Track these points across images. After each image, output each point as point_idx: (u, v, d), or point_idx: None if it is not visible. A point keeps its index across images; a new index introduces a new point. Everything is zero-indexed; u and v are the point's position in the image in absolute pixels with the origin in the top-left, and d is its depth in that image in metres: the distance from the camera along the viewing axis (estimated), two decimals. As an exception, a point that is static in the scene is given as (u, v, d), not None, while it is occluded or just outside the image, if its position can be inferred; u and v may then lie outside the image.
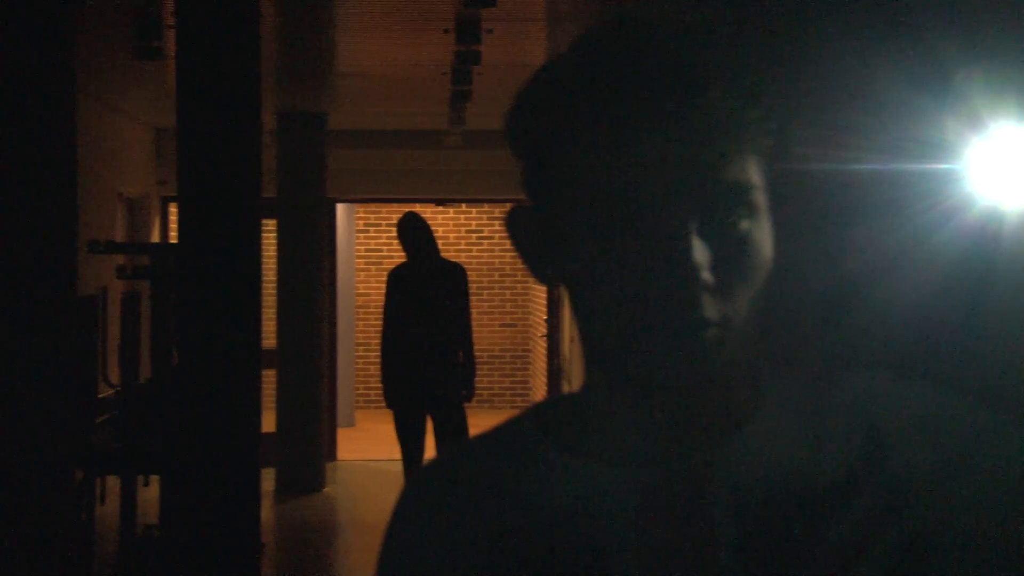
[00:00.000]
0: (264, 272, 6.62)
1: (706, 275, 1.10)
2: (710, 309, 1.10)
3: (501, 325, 16.93)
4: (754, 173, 1.13)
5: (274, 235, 10.94)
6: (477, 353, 9.21)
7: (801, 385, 1.22)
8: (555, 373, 13.68)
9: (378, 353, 9.46)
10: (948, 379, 1.21)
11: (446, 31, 7.47)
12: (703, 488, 1.16)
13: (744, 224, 1.12)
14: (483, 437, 1.28)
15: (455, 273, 9.15)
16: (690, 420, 1.18)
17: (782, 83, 1.14)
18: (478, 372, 9.29)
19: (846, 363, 1.22)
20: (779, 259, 1.15)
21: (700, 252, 1.10)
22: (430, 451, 8.93)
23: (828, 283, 1.64)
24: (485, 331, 15.62)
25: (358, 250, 16.27)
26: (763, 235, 1.14)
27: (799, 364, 1.24)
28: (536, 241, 1.21)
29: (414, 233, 9.03)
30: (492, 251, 16.93)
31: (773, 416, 1.20)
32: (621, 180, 1.11)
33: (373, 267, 16.55)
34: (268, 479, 8.77)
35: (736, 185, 1.12)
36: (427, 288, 8.97)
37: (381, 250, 16.66)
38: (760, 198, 1.13)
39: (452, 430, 8.89)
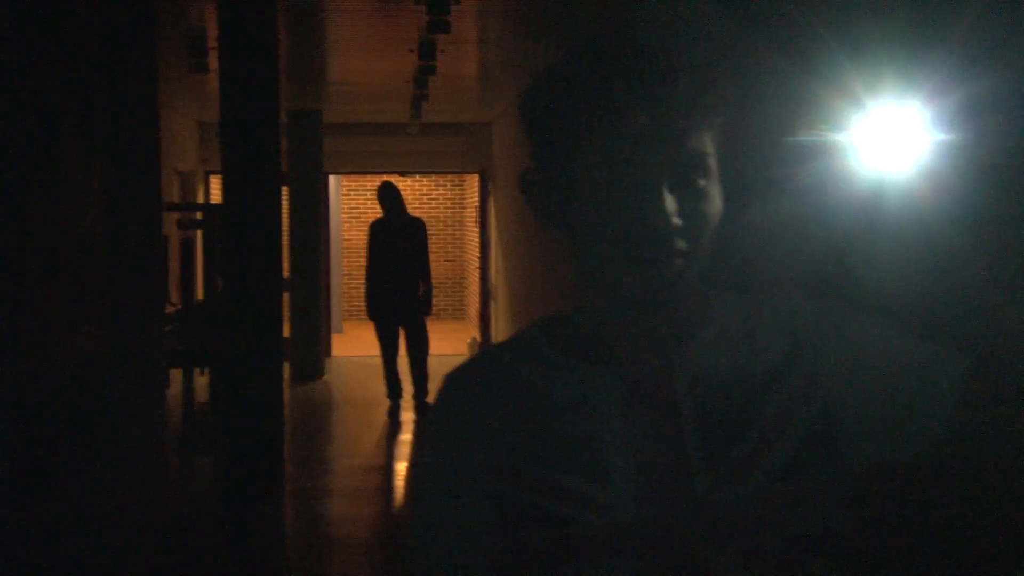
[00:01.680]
0: (281, 224, 6.54)
1: (675, 220, 1.06)
2: (678, 243, 1.06)
3: (445, 260, 16.82)
4: (709, 144, 1.08)
5: (287, 198, 10.78)
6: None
7: (740, 304, 1.17)
8: (485, 294, 13.63)
9: (360, 281, 9.33)
10: (846, 300, 1.15)
11: (411, 50, 7.35)
12: (670, 379, 1.11)
13: (702, 182, 1.07)
14: (503, 344, 1.21)
15: (418, 225, 9.10)
16: (661, 329, 1.13)
17: (730, 75, 1.08)
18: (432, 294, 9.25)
19: (771, 289, 1.17)
20: (726, 210, 1.10)
21: (670, 203, 1.05)
22: (401, 349, 8.89)
23: (757, 230, 1.58)
24: (433, 265, 15.31)
25: (343, 208, 16.09)
26: (715, 191, 1.09)
27: (738, 289, 1.19)
28: (543, 196, 1.15)
29: (388, 196, 8.96)
30: (439, 208, 16.83)
31: (720, 326, 1.14)
32: (610, 150, 1.06)
33: (354, 220, 16.36)
34: (284, 370, 8.66)
35: (696, 153, 1.07)
36: (398, 235, 8.90)
37: (360, 208, 16.47)
38: (713, 163, 1.08)
39: (416, 335, 8.86)
